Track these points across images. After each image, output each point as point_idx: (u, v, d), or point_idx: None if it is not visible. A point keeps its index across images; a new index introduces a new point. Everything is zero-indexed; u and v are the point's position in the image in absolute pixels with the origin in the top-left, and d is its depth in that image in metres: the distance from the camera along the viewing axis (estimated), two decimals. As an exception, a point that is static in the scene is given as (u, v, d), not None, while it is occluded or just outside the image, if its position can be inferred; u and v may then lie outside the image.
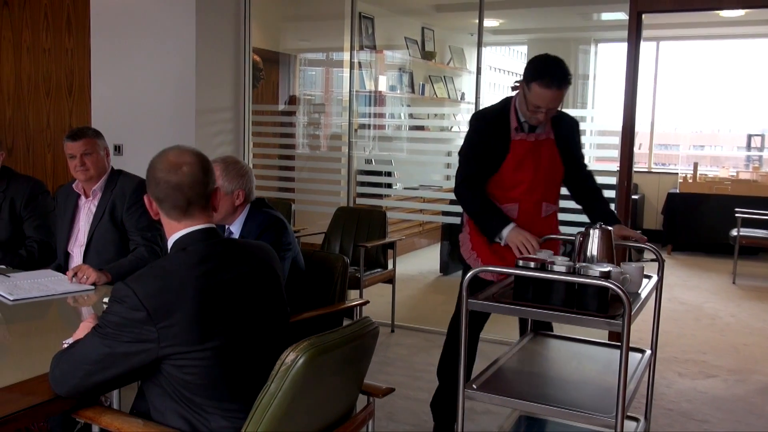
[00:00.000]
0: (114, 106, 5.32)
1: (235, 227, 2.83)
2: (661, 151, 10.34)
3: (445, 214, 5.79)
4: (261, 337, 1.79)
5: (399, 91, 7.86)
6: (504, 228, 2.81)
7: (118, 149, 5.20)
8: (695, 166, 8.45)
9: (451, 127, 7.90)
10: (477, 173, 2.93)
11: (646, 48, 4.76)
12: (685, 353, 4.63)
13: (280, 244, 2.77)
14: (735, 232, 6.85)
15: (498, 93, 9.43)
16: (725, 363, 4.46)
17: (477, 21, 4.91)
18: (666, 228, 8.32)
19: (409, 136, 6.01)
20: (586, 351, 2.72)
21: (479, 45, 4.93)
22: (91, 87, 5.46)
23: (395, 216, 5.93)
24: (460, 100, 8.97)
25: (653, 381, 2.85)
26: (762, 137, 9.49)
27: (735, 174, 8.64)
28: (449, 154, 5.63)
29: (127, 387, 1.93)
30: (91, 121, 5.39)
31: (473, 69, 5.31)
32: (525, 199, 2.95)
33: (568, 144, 3.04)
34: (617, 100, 4.20)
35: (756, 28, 8.51)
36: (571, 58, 8.58)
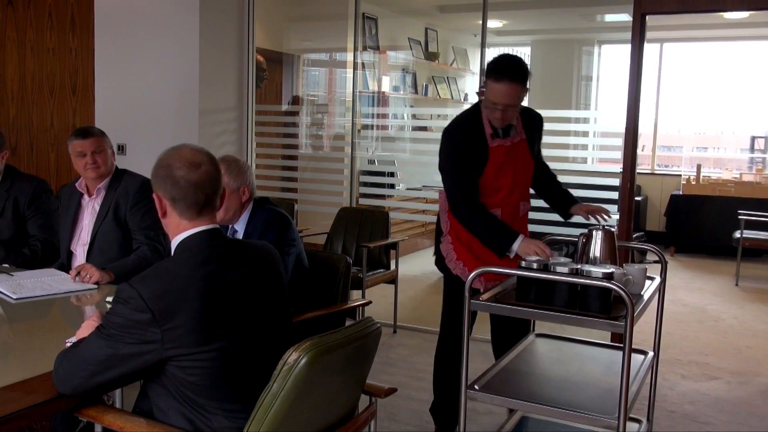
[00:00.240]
0: (117, 105, 5.33)
1: (240, 225, 2.83)
2: (664, 153, 10.33)
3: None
4: (264, 338, 1.79)
5: (402, 92, 7.86)
6: (514, 242, 2.78)
7: (121, 149, 5.21)
8: (698, 167, 8.43)
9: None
10: (470, 189, 2.89)
11: (649, 49, 4.74)
12: (688, 355, 4.62)
13: (284, 239, 2.77)
14: (738, 234, 6.84)
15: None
16: (728, 365, 4.45)
17: (480, 22, 4.91)
18: (669, 230, 8.31)
19: (412, 136, 6.01)
20: (588, 352, 2.72)
21: (483, 46, 4.93)
22: (95, 87, 5.47)
23: (398, 216, 5.92)
24: (463, 100, 8.97)
25: (656, 383, 2.86)
26: (765, 139, 9.49)
27: (738, 176, 8.63)
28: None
29: (130, 386, 1.93)
30: (95, 121, 5.40)
31: (476, 70, 5.32)
32: (506, 203, 2.95)
33: (536, 140, 3.06)
34: (620, 101, 4.20)
35: (760, 29, 8.49)
36: (575, 59, 8.59)
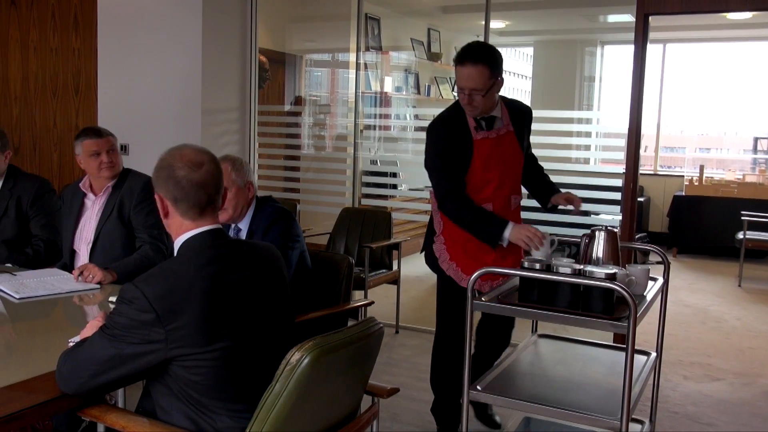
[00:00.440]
0: (120, 105, 5.33)
1: (243, 224, 2.83)
2: (667, 154, 10.32)
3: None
4: (267, 338, 1.79)
5: (405, 92, 7.86)
6: (504, 230, 2.78)
7: (124, 149, 5.21)
8: (701, 168, 8.42)
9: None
10: (456, 183, 2.87)
11: (652, 50, 4.75)
12: (691, 356, 4.61)
13: (289, 235, 2.78)
14: (741, 235, 6.83)
15: (503, 94, 9.37)
16: (731, 366, 4.44)
17: (483, 22, 4.91)
18: (672, 231, 8.30)
19: (415, 137, 6.00)
20: (591, 353, 2.71)
21: (485, 46, 4.91)
22: (98, 87, 5.48)
23: (400, 217, 5.92)
24: (465, 101, 8.94)
25: (658, 384, 2.85)
26: (768, 140, 9.49)
27: (741, 177, 8.62)
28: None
29: (133, 386, 1.93)
30: (98, 121, 5.40)
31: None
32: (497, 197, 2.92)
33: (525, 133, 3.04)
34: (623, 102, 4.19)
35: (763, 30, 8.48)
36: (578, 60, 8.59)
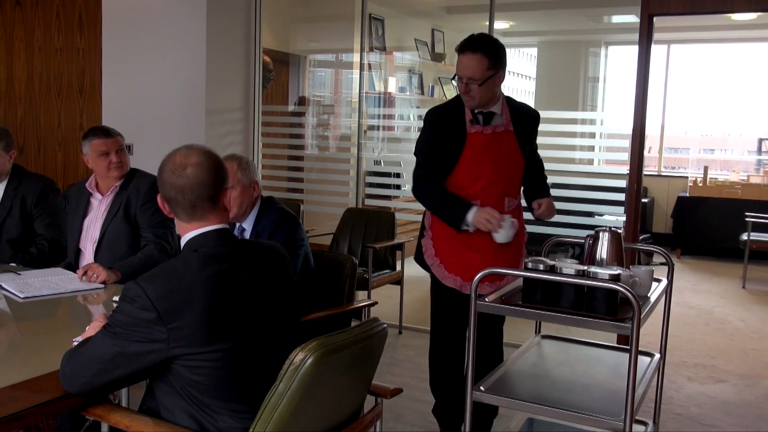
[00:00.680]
0: (124, 105, 5.34)
1: (248, 224, 2.83)
2: (671, 155, 10.30)
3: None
4: (271, 339, 1.78)
5: (408, 93, 7.86)
6: (468, 213, 2.75)
7: (128, 148, 5.20)
8: (705, 169, 8.41)
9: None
10: (432, 171, 2.87)
11: (656, 51, 4.74)
12: (695, 357, 4.61)
13: (294, 240, 2.78)
14: (745, 236, 6.82)
15: (512, 96, 9.37)
16: (735, 368, 4.43)
17: (487, 23, 4.90)
18: (675, 232, 8.29)
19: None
20: (594, 354, 2.71)
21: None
22: (102, 87, 5.49)
23: (404, 217, 5.92)
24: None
25: (662, 385, 2.84)
26: (773, 141, 9.46)
27: (746, 178, 8.60)
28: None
29: (136, 385, 1.93)
30: (102, 121, 5.41)
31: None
32: (486, 195, 2.85)
33: (528, 136, 2.97)
34: (627, 103, 4.19)
35: (767, 31, 8.46)
36: (582, 60, 8.57)
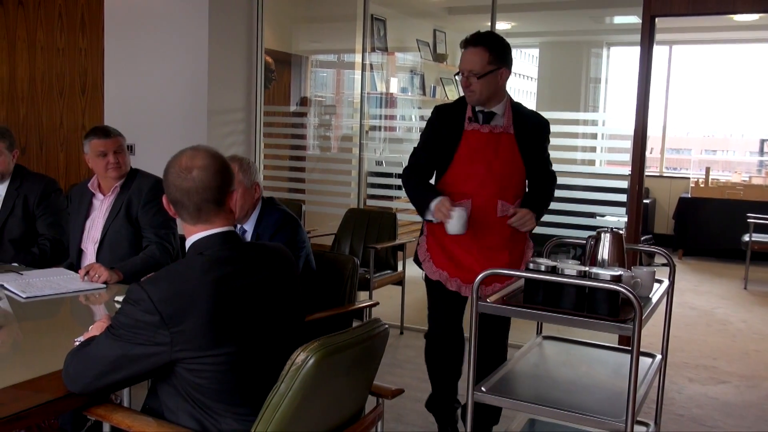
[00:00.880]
0: (127, 105, 5.35)
1: (249, 225, 2.83)
2: (673, 156, 10.30)
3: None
4: (275, 343, 1.78)
5: (410, 93, 7.86)
6: (432, 202, 2.75)
7: (130, 149, 5.17)
8: (707, 170, 8.40)
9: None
10: (421, 162, 2.92)
11: (658, 52, 4.74)
12: (696, 358, 4.60)
13: (295, 242, 2.78)
14: (747, 237, 6.82)
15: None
16: (736, 369, 4.43)
17: (489, 24, 4.91)
18: (677, 232, 8.28)
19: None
20: (595, 355, 2.71)
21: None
22: (104, 87, 5.49)
23: (405, 218, 5.91)
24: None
25: (663, 386, 2.84)
26: (775, 142, 9.45)
27: (747, 179, 8.59)
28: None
29: (138, 385, 1.94)
30: (104, 121, 5.41)
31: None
32: (478, 194, 2.82)
33: (531, 143, 2.91)
34: (629, 103, 4.18)
35: (770, 32, 8.46)
36: (583, 61, 8.57)
